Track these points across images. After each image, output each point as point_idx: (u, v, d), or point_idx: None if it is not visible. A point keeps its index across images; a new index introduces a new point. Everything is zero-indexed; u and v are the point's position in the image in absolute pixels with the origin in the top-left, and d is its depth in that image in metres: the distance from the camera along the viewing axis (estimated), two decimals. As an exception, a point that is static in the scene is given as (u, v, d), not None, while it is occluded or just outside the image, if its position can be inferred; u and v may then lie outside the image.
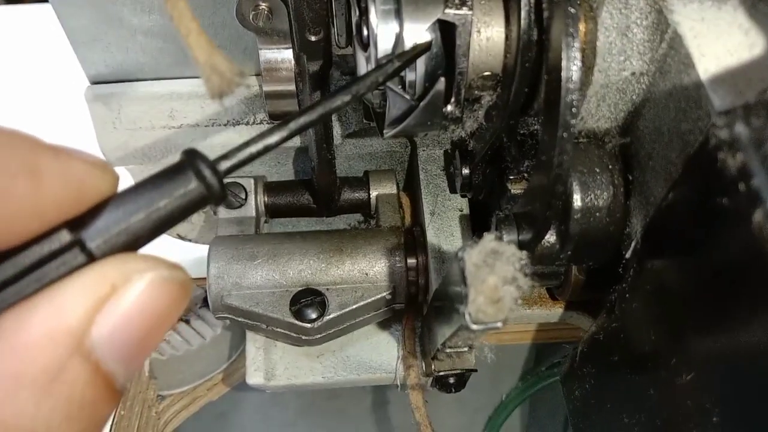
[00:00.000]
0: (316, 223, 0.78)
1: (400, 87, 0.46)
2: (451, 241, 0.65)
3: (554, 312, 0.71)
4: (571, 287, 0.64)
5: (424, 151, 0.71)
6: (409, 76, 0.46)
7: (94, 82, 0.64)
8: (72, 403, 0.25)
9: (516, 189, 0.56)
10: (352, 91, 0.37)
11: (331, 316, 0.64)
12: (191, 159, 0.31)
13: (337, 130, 0.69)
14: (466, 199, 0.68)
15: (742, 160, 0.29)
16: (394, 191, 0.73)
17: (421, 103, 0.46)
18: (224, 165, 0.32)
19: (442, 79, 0.45)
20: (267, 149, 0.34)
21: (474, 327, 0.40)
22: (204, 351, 0.83)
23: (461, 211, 0.67)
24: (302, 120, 0.36)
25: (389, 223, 0.71)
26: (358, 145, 0.73)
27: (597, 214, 0.47)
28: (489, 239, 0.42)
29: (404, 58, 0.41)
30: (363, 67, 0.47)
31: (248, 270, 0.65)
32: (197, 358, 0.82)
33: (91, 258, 0.27)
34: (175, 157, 0.69)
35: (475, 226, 0.68)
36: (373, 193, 0.73)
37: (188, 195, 0.30)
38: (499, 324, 0.40)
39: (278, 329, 0.65)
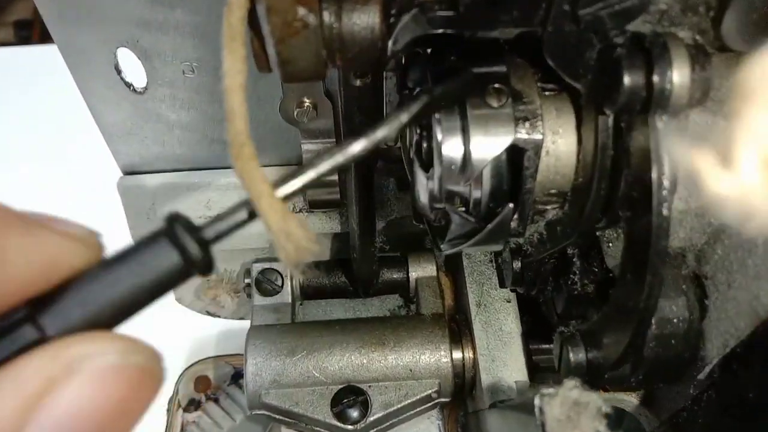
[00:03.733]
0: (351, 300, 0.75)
1: (463, 208, 0.44)
2: (500, 335, 0.62)
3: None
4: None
5: (467, 235, 0.68)
6: (475, 194, 0.43)
7: (127, 173, 0.62)
8: None
9: (576, 291, 0.54)
10: (372, 138, 0.32)
11: (375, 417, 0.61)
12: (169, 226, 0.27)
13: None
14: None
15: None
16: (435, 274, 0.70)
17: (488, 227, 0.43)
18: (210, 231, 0.28)
19: (510, 205, 0.42)
20: None
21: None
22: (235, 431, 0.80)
23: (509, 302, 0.64)
24: (322, 167, 0.30)
25: (431, 309, 0.68)
26: (397, 226, 0.71)
27: (672, 341, 0.45)
28: (570, 386, 0.39)
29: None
30: (423, 187, 0.45)
31: (287, 366, 0.62)
32: (227, 440, 0.79)
33: (44, 336, 0.24)
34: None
35: (524, 315, 0.65)
36: (413, 275, 0.71)
37: (164, 268, 0.26)
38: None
39: (318, 428, 0.63)
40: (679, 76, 0.36)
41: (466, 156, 0.41)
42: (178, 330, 0.81)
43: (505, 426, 0.53)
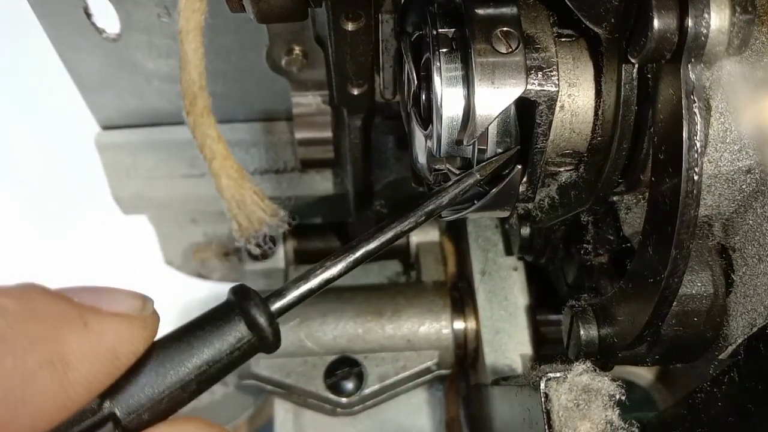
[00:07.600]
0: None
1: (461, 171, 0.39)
2: (505, 306, 0.58)
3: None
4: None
5: (472, 198, 0.64)
6: (479, 154, 0.38)
7: (106, 128, 0.57)
8: None
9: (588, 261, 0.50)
10: (427, 212, 0.34)
11: (370, 389, 0.58)
12: (241, 302, 0.28)
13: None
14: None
15: None
16: (437, 239, 0.66)
17: (493, 191, 0.38)
18: (277, 304, 0.30)
19: (519, 167, 0.38)
20: (327, 283, 0.32)
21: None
22: (227, 399, 0.77)
23: (515, 270, 0.60)
24: (371, 246, 0.33)
25: (432, 277, 0.64)
26: (397, 189, 0.66)
27: (695, 319, 0.40)
28: (579, 370, 0.35)
29: (488, 170, 0.35)
30: (421, 146, 0.40)
31: (278, 335, 0.58)
32: (220, 407, 0.77)
33: None
34: (196, 207, 0.62)
35: (531, 284, 0.61)
36: (414, 240, 0.67)
37: (237, 349, 0.28)
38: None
39: (311, 400, 0.59)
40: (717, 19, 0.31)
41: (470, 110, 0.36)
42: (169, 292, 0.77)
43: (507, 407, 0.50)
